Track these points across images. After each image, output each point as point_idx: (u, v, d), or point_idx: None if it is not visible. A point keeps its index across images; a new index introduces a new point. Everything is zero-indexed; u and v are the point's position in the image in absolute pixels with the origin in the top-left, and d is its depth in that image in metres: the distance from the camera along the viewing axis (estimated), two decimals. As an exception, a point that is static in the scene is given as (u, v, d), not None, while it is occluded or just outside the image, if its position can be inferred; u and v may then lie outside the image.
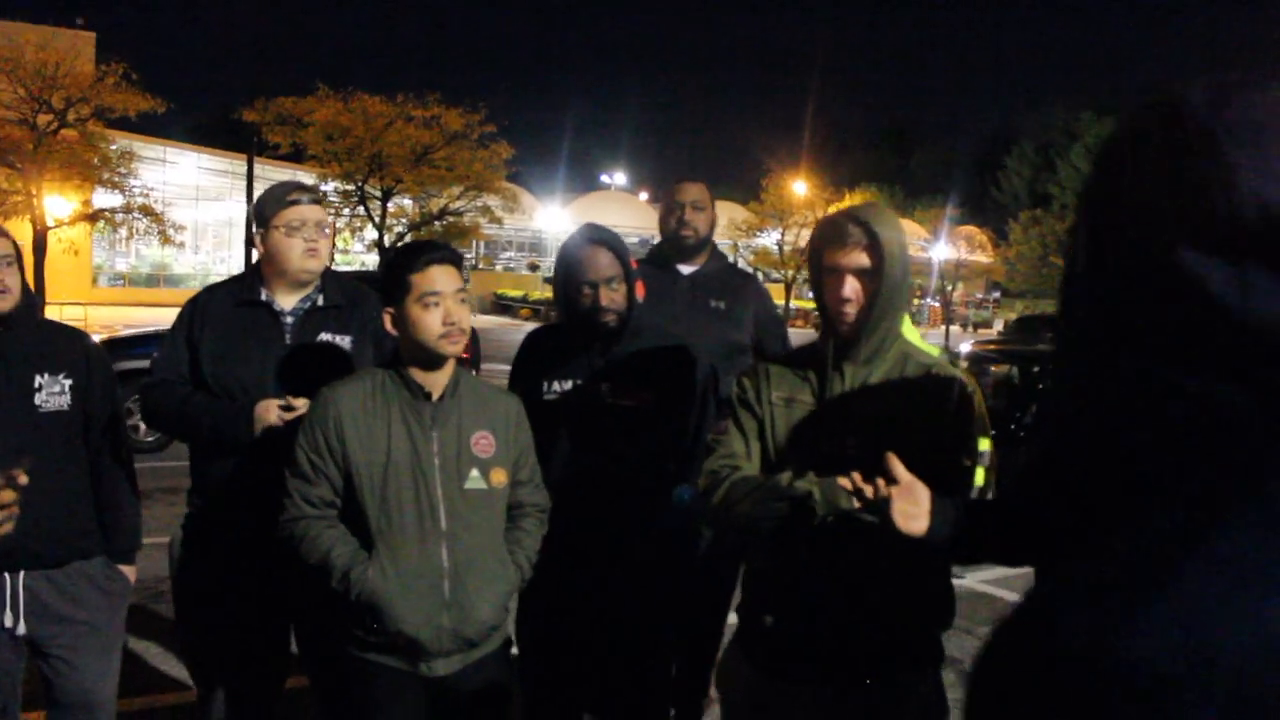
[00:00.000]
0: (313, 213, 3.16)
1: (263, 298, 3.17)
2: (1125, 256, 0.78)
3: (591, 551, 3.03)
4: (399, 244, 29.71)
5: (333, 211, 29.64)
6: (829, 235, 2.33)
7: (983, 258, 57.87)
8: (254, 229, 3.21)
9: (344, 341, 3.19)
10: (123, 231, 28.70)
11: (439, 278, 2.57)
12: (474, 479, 2.64)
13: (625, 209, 53.39)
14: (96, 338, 4.73)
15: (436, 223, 30.24)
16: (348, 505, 2.62)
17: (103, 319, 24.86)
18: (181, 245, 36.06)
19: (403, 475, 2.58)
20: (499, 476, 2.69)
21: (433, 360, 2.62)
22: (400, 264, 2.62)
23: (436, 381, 2.65)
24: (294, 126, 28.84)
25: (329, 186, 29.80)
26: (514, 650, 2.97)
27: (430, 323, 2.57)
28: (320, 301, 3.21)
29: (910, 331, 2.61)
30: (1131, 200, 0.78)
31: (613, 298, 3.04)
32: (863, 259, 2.28)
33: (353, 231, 29.21)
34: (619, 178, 69.08)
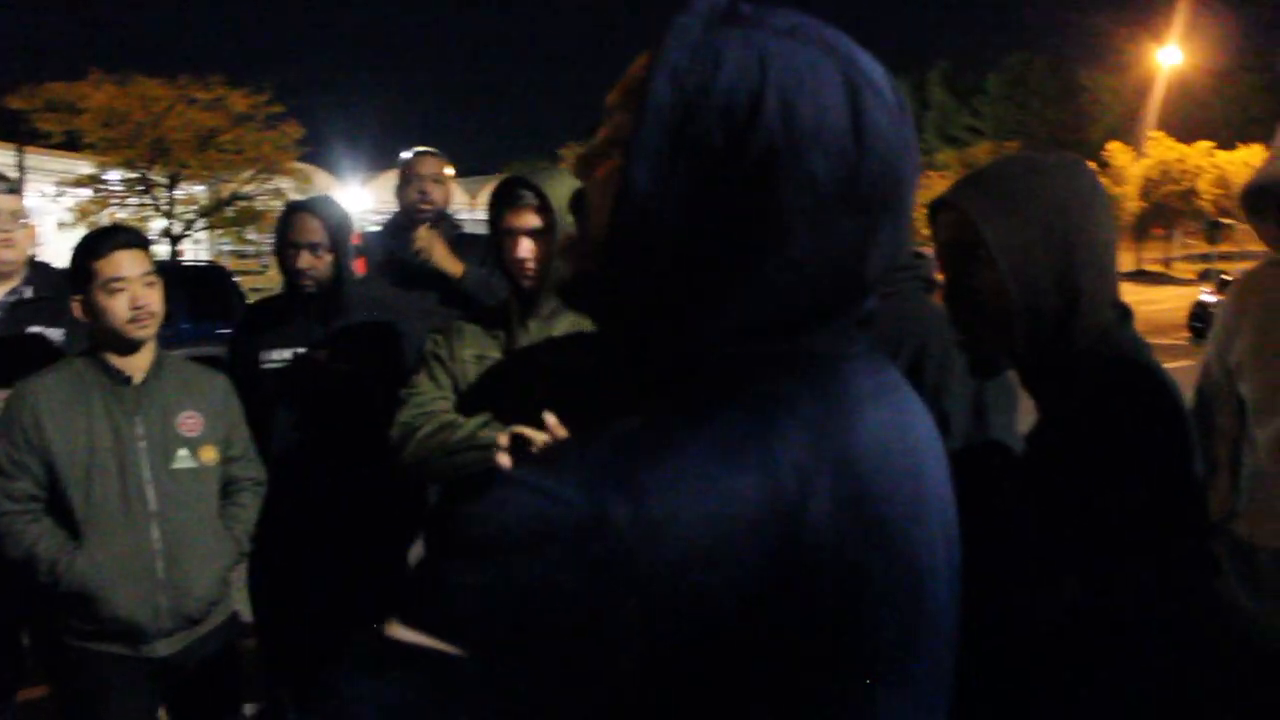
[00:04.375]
0: (5, 202, 3.12)
1: None
2: None
3: (313, 518, 3.09)
4: (186, 233, 28.50)
5: (117, 201, 28.04)
6: (503, 198, 2.45)
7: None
8: None
9: (55, 334, 3.15)
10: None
11: (124, 263, 2.56)
12: (182, 458, 2.66)
13: (429, 184, 52.18)
14: None
15: (227, 208, 29.02)
16: (53, 496, 2.58)
17: None
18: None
19: (106, 461, 2.57)
20: (208, 454, 2.71)
21: (126, 345, 2.62)
22: (84, 251, 2.59)
23: (136, 365, 2.65)
24: (68, 113, 27.04)
25: (111, 175, 28.11)
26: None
27: (118, 308, 2.56)
28: (28, 294, 3.16)
29: None
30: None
31: (314, 263, 3.12)
32: (534, 220, 2.41)
33: (140, 222, 27.61)
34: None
